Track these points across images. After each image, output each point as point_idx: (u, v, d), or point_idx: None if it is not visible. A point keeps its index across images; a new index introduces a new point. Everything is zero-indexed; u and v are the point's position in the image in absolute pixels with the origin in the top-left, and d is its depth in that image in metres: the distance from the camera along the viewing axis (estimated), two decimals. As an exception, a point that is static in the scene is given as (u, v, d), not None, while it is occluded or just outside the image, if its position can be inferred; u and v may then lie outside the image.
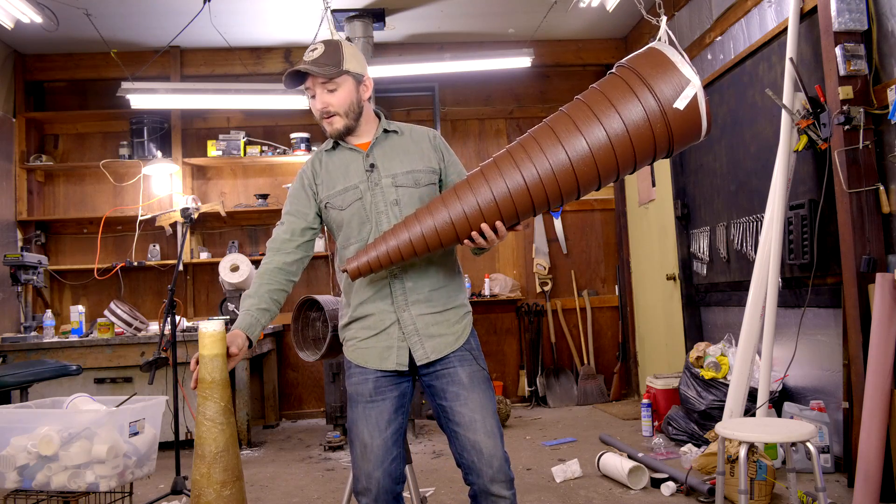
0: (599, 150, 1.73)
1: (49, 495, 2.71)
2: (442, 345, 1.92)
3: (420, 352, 1.91)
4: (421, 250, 1.80)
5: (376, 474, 1.84)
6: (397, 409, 1.92)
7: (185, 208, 3.91)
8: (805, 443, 2.22)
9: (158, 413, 2.98)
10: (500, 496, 1.84)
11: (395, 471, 1.87)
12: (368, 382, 1.92)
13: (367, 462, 1.85)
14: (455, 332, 1.95)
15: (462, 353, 1.94)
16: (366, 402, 1.91)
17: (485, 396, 1.90)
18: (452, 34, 5.77)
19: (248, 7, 5.06)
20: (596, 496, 3.27)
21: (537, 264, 6.06)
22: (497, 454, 1.85)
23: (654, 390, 4.60)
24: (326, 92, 1.93)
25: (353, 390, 1.94)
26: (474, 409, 1.87)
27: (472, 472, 1.86)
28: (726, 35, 4.28)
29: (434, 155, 2.02)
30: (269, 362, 5.64)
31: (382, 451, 1.85)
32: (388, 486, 1.85)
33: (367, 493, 1.85)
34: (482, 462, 1.84)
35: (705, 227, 4.64)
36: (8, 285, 4.98)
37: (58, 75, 5.76)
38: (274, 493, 3.64)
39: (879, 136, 3.10)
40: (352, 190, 1.95)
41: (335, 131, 1.96)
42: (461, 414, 1.87)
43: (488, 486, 1.84)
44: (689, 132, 1.77)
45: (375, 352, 1.93)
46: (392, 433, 1.88)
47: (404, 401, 1.94)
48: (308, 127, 5.90)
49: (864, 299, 3.05)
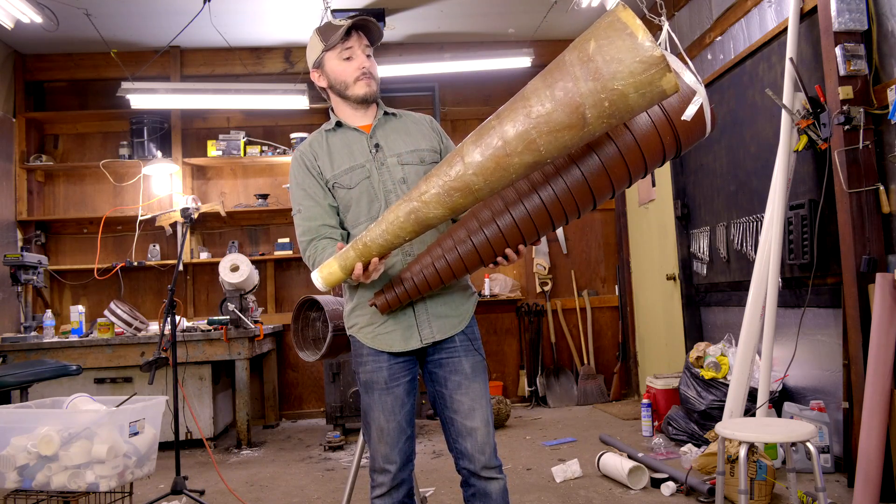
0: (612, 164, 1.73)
1: (49, 495, 2.71)
2: (447, 325, 1.96)
3: (426, 331, 1.94)
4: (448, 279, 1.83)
5: (392, 455, 1.94)
6: (409, 392, 1.98)
7: (185, 208, 3.91)
8: (805, 443, 2.22)
9: (158, 413, 2.97)
10: (493, 478, 1.94)
11: (409, 449, 1.98)
12: (383, 371, 1.96)
13: (383, 444, 1.95)
14: (460, 314, 1.99)
15: (465, 340, 1.98)
16: (381, 389, 1.95)
17: (483, 386, 1.98)
18: (452, 34, 5.77)
19: (248, 7, 5.06)
20: (596, 496, 3.27)
21: (537, 264, 6.06)
22: (489, 442, 1.94)
23: (654, 390, 4.60)
24: (366, 55, 1.96)
25: (368, 378, 1.97)
26: (474, 398, 1.95)
27: (464, 457, 1.95)
28: (726, 35, 4.28)
29: (434, 136, 2.07)
30: (269, 362, 5.64)
31: (397, 432, 1.94)
32: (402, 464, 1.96)
33: (384, 473, 1.95)
34: (476, 449, 1.93)
35: (705, 227, 4.64)
36: (8, 285, 4.98)
37: (58, 75, 5.77)
38: (274, 493, 3.64)
39: (879, 136, 3.10)
40: (359, 169, 1.95)
41: (372, 93, 1.97)
42: (461, 402, 1.94)
43: (480, 472, 1.93)
44: (695, 136, 1.79)
45: (398, 334, 1.94)
46: (405, 415, 1.96)
47: (414, 385, 2.01)
48: (308, 127, 5.91)
49: (864, 299, 3.05)
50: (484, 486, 1.94)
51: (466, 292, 2.04)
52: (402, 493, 1.96)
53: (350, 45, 1.94)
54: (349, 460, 4.23)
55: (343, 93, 1.99)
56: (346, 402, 4.80)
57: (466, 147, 1.61)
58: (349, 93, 1.97)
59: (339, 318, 2.50)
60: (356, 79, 1.95)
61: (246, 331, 4.70)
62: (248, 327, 4.71)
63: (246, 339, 4.73)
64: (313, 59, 2.01)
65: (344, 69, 1.95)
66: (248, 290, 4.87)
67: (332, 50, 1.96)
